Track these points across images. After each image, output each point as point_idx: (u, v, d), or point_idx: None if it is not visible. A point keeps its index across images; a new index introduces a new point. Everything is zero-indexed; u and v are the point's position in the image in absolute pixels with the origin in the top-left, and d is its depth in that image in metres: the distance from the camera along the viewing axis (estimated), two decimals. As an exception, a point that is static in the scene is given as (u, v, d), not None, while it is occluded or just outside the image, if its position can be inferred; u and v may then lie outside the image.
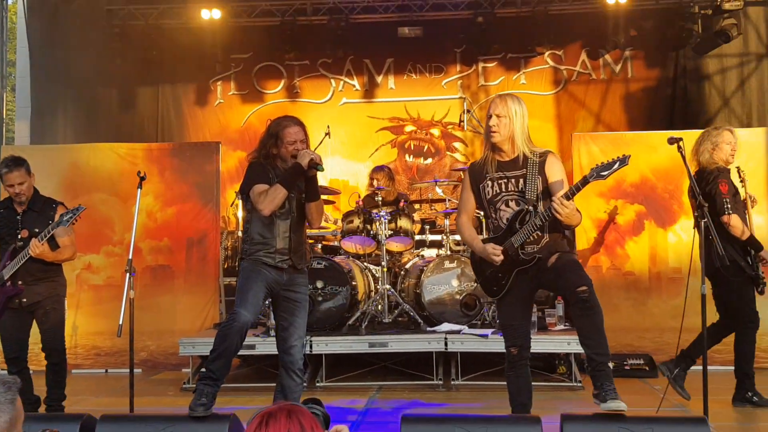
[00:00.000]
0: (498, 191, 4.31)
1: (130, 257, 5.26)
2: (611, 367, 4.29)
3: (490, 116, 4.29)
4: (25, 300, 5.44)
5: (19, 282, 5.39)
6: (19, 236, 5.46)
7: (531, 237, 4.26)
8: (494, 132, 4.26)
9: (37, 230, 5.40)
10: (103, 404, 6.30)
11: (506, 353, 4.49)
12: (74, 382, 7.52)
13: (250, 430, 2.25)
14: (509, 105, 4.27)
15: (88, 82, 11.08)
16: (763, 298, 7.75)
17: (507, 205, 4.32)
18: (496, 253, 4.27)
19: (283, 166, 4.78)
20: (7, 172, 5.42)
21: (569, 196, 4.08)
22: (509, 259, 4.27)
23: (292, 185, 4.67)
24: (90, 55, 10.95)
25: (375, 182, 8.17)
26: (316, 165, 4.68)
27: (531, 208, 4.21)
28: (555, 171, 4.30)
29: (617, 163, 4.06)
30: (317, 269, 7.33)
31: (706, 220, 4.85)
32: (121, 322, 5.11)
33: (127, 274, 5.19)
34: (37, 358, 5.98)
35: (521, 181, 4.26)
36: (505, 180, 4.29)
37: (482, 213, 5.13)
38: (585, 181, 4.12)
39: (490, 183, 4.34)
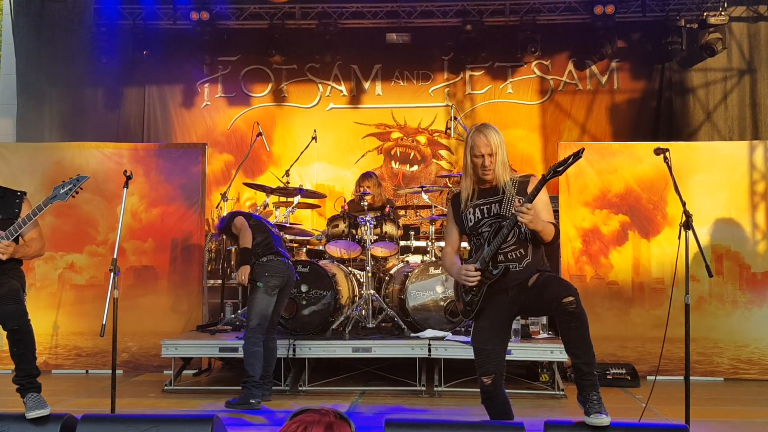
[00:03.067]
0: (480, 217, 4.28)
1: (115, 256, 5.22)
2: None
3: (479, 156, 4.23)
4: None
5: None
6: None
7: (511, 254, 4.19)
8: (488, 171, 4.22)
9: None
10: (84, 405, 6.22)
11: (479, 383, 4.25)
12: (54, 382, 7.48)
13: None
14: (492, 140, 4.23)
15: (74, 80, 11.03)
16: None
17: (489, 227, 4.27)
18: (468, 272, 4.19)
19: None
20: None
21: (530, 199, 4.06)
22: (482, 273, 4.19)
23: None
24: (76, 54, 10.91)
25: (363, 189, 8.14)
26: None
27: (505, 222, 4.15)
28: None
29: (571, 158, 4.04)
30: (302, 273, 7.31)
31: (690, 230, 4.88)
32: (104, 322, 5.05)
33: (112, 274, 5.14)
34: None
35: (497, 205, 4.24)
36: (487, 206, 4.26)
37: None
38: (544, 180, 4.11)
39: (472, 210, 4.30)
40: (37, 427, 4.27)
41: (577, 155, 4.03)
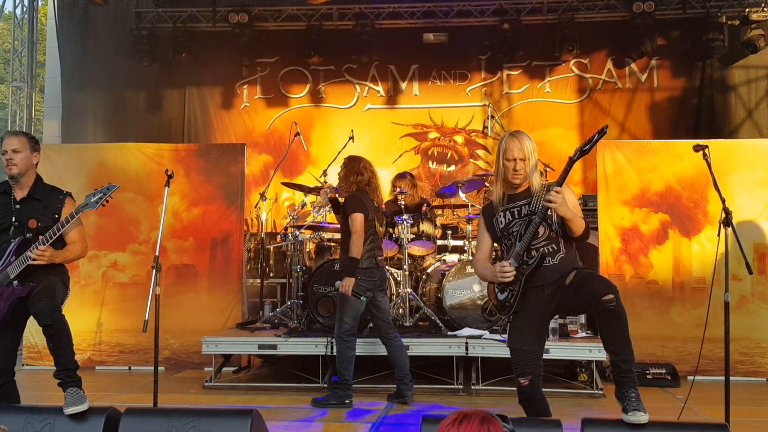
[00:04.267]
0: (510, 219, 4.29)
1: (157, 254, 5.30)
2: (634, 375, 4.25)
3: (512, 160, 4.23)
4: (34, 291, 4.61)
5: (30, 283, 4.63)
6: (28, 226, 4.71)
7: (544, 248, 4.18)
8: (518, 175, 4.22)
9: (40, 224, 4.71)
10: (127, 400, 6.35)
11: (516, 384, 4.23)
12: (98, 378, 7.64)
13: (445, 423, 2.42)
14: (526, 146, 4.25)
15: (116, 83, 11.26)
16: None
17: (519, 227, 4.27)
18: (503, 268, 4.19)
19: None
20: (4, 137, 4.88)
21: (560, 183, 4.06)
22: (517, 269, 4.19)
23: None
24: (118, 56, 11.13)
25: (398, 189, 8.17)
26: None
27: (536, 218, 4.14)
28: (567, 197, 4.15)
29: (596, 135, 4.05)
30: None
31: (729, 227, 4.83)
32: (146, 318, 5.14)
33: (154, 271, 5.21)
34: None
35: (527, 207, 4.24)
36: (517, 208, 4.27)
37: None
38: (571, 162, 4.11)
39: (502, 214, 4.31)
40: (81, 420, 4.36)
41: (601, 132, 4.05)
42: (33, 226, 4.71)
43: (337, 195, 6.80)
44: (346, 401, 6.28)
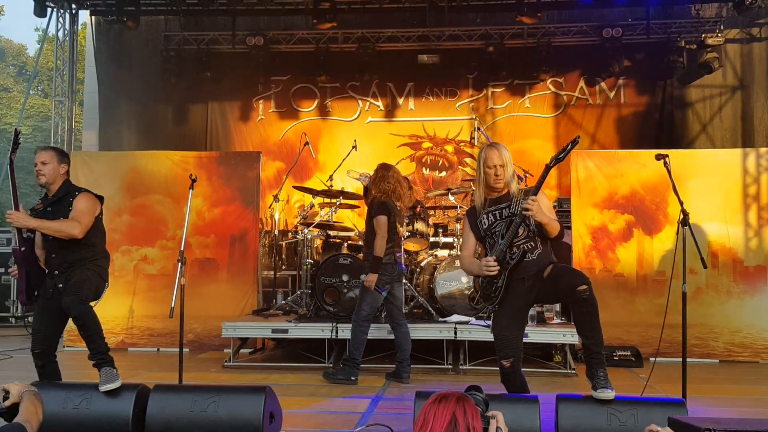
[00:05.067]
0: (493, 220, 4.27)
1: (182, 249, 5.31)
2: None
3: (492, 167, 4.20)
4: (61, 286, 4.65)
5: (56, 272, 4.68)
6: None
7: (524, 245, 4.17)
8: (499, 180, 4.22)
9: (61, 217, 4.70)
10: (155, 378, 6.35)
11: (499, 366, 4.24)
12: (130, 359, 7.64)
13: (427, 403, 2.47)
14: (503, 154, 4.25)
15: (147, 98, 11.26)
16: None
17: (500, 228, 4.27)
18: (488, 263, 4.17)
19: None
20: (36, 151, 4.93)
21: (535, 191, 4.05)
22: (500, 264, 4.18)
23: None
24: (149, 74, 11.13)
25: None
26: None
27: (514, 218, 4.14)
28: (541, 201, 4.11)
29: (569, 145, 4.06)
30: (343, 264, 7.38)
31: (687, 227, 4.84)
32: (173, 305, 5.14)
33: (179, 264, 5.23)
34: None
35: (507, 210, 4.23)
36: (498, 210, 4.26)
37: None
38: (548, 169, 4.11)
39: (485, 216, 4.30)
40: (115, 395, 4.36)
41: (574, 141, 4.09)
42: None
43: (366, 184, 6.83)
44: (352, 378, 6.28)
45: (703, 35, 10.34)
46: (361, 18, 10.83)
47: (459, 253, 7.72)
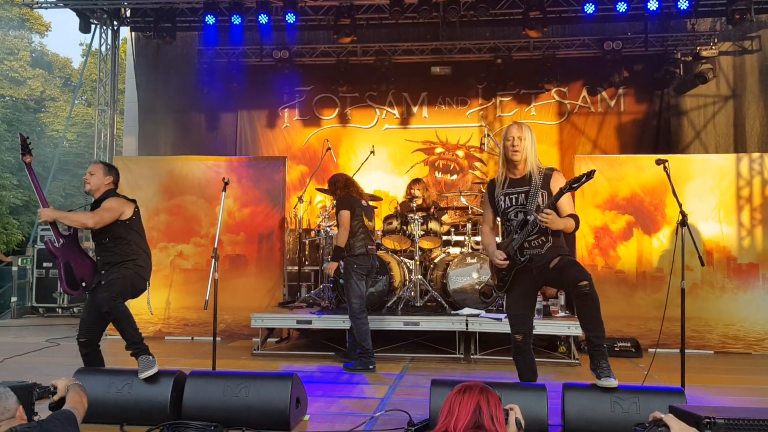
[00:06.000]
0: (509, 204, 4.24)
1: (215, 245, 5.32)
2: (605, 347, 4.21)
3: (510, 138, 4.19)
4: (103, 283, 4.67)
5: (102, 271, 4.72)
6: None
7: (535, 242, 4.15)
8: (516, 150, 4.16)
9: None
10: (190, 364, 6.33)
11: (512, 340, 4.29)
12: (167, 347, 7.67)
13: (452, 393, 2.48)
14: (524, 130, 4.21)
15: (182, 107, 11.32)
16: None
17: (516, 216, 4.23)
18: (498, 257, 4.22)
19: None
20: (92, 162, 5.13)
21: (550, 206, 4.01)
22: (511, 259, 4.20)
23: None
24: (183, 85, 11.18)
25: (414, 191, 8.16)
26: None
27: (530, 217, 4.11)
28: (558, 185, 4.14)
29: (584, 177, 3.94)
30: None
31: (685, 227, 4.77)
32: (207, 298, 5.15)
33: (213, 260, 5.24)
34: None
35: (523, 196, 4.19)
36: (515, 195, 4.22)
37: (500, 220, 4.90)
38: (561, 193, 4.03)
39: (503, 197, 4.26)
40: (155, 381, 4.38)
41: (589, 176, 3.93)
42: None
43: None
44: (370, 367, 6.26)
45: (698, 48, 10.23)
46: (378, 33, 10.84)
47: (469, 250, 7.71)
